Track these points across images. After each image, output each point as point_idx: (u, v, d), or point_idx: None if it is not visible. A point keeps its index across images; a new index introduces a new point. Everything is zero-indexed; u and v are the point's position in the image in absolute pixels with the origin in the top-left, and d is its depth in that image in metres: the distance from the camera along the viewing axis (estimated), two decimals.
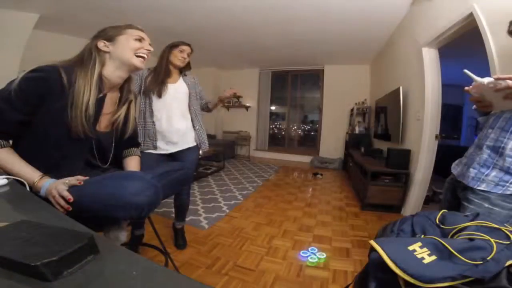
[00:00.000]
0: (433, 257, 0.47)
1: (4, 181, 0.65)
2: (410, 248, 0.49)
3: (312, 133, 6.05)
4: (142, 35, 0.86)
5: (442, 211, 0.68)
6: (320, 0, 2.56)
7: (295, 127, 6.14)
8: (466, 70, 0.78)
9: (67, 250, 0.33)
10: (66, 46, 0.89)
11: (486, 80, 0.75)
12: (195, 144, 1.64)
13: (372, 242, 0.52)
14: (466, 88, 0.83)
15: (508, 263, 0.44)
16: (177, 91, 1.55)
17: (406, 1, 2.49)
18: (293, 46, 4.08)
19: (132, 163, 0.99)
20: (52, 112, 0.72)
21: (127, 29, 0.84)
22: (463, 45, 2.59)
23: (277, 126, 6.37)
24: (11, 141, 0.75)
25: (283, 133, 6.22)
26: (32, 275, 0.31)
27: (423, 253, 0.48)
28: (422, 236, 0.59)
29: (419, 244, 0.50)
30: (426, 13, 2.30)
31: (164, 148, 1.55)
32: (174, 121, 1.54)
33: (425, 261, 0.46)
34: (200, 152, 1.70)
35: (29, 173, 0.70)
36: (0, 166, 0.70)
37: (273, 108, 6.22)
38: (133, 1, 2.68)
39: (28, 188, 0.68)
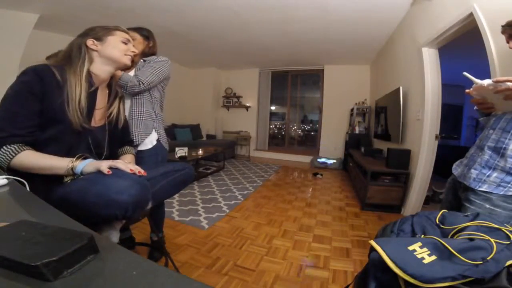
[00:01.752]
0: (433, 257, 0.47)
1: (4, 181, 0.65)
2: (410, 248, 0.49)
3: (312, 133, 6.05)
4: (128, 37, 0.94)
5: (442, 211, 0.68)
6: (320, 0, 2.56)
7: (295, 127, 6.14)
8: (465, 73, 0.79)
9: (67, 250, 0.33)
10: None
11: (486, 82, 0.75)
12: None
13: (372, 242, 0.52)
14: (467, 90, 0.84)
15: (508, 263, 0.44)
16: None
17: (406, 1, 2.49)
18: (293, 46, 4.08)
19: (127, 161, 0.99)
20: (54, 108, 0.74)
21: (116, 31, 0.91)
22: (463, 45, 2.60)
23: (277, 126, 6.36)
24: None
25: (283, 133, 6.22)
26: (32, 275, 0.31)
27: (423, 253, 0.48)
28: (422, 236, 0.59)
29: (419, 244, 0.50)
30: (426, 13, 2.30)
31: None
32: None
33: (425, 261, 0.46)
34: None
35: (59, 161, 0.72)
36: (27, 166, 0.70)
37: (273, 108, 6.21)
38: (133, 0, 2.68)
39: (28, 188, 0.68)
